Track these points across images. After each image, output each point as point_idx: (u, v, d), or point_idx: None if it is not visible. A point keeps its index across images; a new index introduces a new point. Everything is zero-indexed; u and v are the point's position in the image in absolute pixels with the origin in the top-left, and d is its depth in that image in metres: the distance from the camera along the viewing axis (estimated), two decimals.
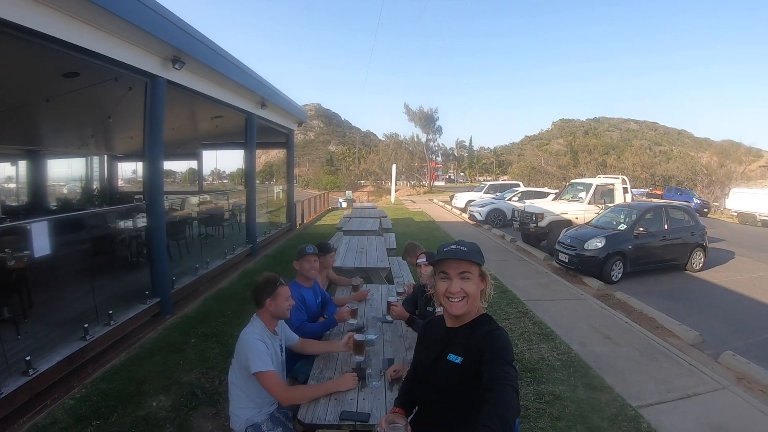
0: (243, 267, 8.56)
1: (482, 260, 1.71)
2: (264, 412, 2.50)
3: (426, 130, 49.89)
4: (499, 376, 1.43)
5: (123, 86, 5.83)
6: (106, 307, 4.82)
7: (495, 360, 1.50)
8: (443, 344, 1.75)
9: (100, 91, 6.29)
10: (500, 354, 1.53)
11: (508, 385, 1.39)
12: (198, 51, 5.88)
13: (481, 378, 1.51)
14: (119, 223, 6.75)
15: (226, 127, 10.47)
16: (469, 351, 1.63)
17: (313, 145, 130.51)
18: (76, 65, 5.11)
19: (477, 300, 1.71)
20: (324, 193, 26.70)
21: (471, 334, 1.67)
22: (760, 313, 6.82)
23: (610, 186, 13.11)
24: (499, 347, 1.56)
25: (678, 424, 3.55)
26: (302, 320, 3.19)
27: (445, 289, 1.68)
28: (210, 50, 6.28)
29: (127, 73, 5.10)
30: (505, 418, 1.28)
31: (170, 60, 5.55)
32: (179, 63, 5.60)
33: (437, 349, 1.77)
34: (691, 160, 41.06)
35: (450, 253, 1.68)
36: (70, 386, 3.90)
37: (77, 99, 6.76)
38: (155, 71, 5.43)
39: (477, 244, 1.76)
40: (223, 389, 3.89)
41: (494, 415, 1.28)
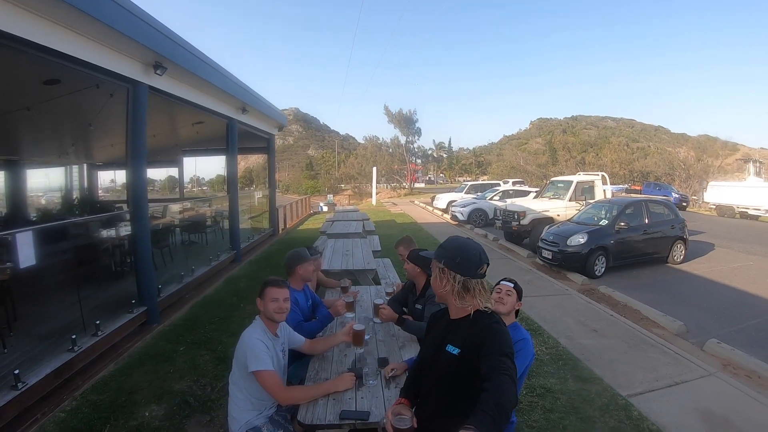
0: (228, 273, 8.49)
1: (442, 256, 1.79)
2: (263, 414, 2.50)
3: (405, 131, 50.10)
4: (496, 367, 1.46)
5: (104, 93, 5.73)
6: (93, 317, 4.75)
7: (493, 352, 1.53)
8: (444, 335, 1.80)
9: (81, 99, 6.19)
10: (498, 346, 1.56)
11: (506, 375, 1.42)
12: (180, 56, 5.82)
13: (477, 370, 1.54)
14: (102, 233, 6.64)
15: (207, 133, 10.37)
16: (466, 343, 1.67)
17: (293, 149, 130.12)
18: (57, 72, 5.02)
19: (447, 295, 1.77)
20: (305, 198, 26.61)
21: (470, 327, 1.71)
22: (741, 301, 7.01)
23: (590, 183, 13.32)
24: (497, 340, 1.59)
25: (668, 410, 3.63)
26: (298, 320, 3.19)
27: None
28: (191, 55, 6.22)
29: (108, 79, 5.03)
30: (501, 405, 1.30)
31: (152, 66, 5.49)
32: (161, 68, 5.54)
33: (438, 340, 1.82)
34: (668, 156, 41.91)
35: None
36: (60, 399, 3.82)
37: (58, 107, 6.64)
38: (137, 77, 5.36)
39: (463, 250, 1.78)
40: (216, 396, 3.88)
41: (490, 401, 1.31)
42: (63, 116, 7.55)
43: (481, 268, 1.76)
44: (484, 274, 1.78)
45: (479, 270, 1.75)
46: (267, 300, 2.53)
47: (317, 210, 26.09)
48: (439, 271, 1.78)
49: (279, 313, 2.55)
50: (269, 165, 14.30)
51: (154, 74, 5.58)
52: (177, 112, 8.01)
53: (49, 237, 4.83)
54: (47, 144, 10.67)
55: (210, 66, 6.95)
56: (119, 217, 6.99)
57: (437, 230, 15.25)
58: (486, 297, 1.77)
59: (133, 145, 5.52)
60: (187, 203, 10.84)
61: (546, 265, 9.53)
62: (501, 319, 1.75)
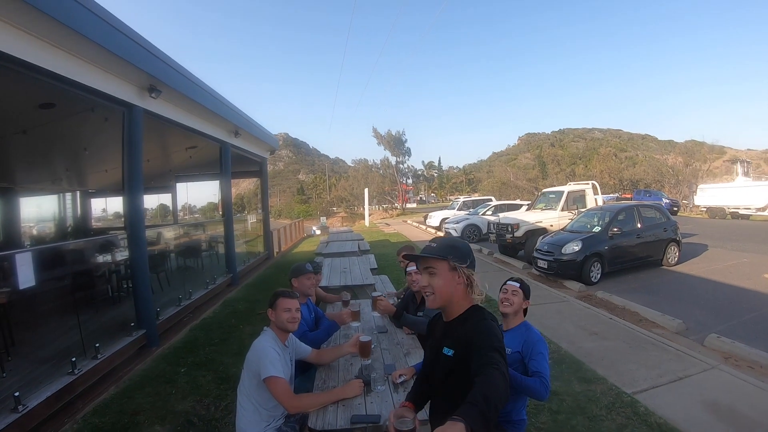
0: (225, 296, 8.46)
1: (448, 254, 1.72)
2: (272, 426, 2.49)
3: (395, 152, 50.37)
4: (485, 362, 1.44)
5: (99, 117, 5.80)
6: (92, 340, 4.72)
7: (481, 348, 1.51)
8: (440, 338, 1.79)
9: (76, 123, 6.25)
10: (486, 342, 1.53)
11: (495, 370, 1.39)
12: (174, 79, 5.91)
13: (469, 366, 1.53)
14: (99, 258, 6.62)
15: (200, 157, 10.43)
16: (459, 343, 1.65)
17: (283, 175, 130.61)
18: (53, 95, 5.07)
19: (453, 294, 1.72)
20: (298, 221, 26.60)
21: (462, 326, 1.69)
22: (738, 296, 7.08)
23: (581, 192, 13.45)
24: (485, 336, 1.57)
25: (674, 404, 3.66)
26: (303, 330, 3.20)
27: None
28: (185, 79, 6.32)
29: (104, 102, 5.08)
30: (489, 397, 1.26)
31: (147, 89, 5.56)
32: (156, 92, 5.61)
33: (436, 344, 1.81)
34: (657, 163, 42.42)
35: (422, 251, 1.77)
36: (61, 422, 3.77)
37: (53, 131, 6.67)
38: (132, 100, 5.42)
39: (455, 241, 1.81)
40: (220, 415, 3.85)
41: (478, 394, 1.28)
42: (58, 141, 7.57)
43: (473, 259, 1.79)
44: (474, 264, 1.79)
45: (473, 261, 1.78)
46: (279, 310, 2.56)
47: (310, 233, 26.06)
48: (449, 269, 1.71)
49: (292, 322, 2.58)
50: (262, 188, 14.32)
51: (149, 97, 5.64)
52: (171, 136, 8.06)
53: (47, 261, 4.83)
54: (41, 170, 10.63)
55: (203, 89, 7.04)
56: (115, 242, 6.96)
57: None
58: (479, 289, 1.77)
59: (130, 169, 5.55)
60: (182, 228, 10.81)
61: (542, 274, 9.55)
62: (490, 315, 1.72)
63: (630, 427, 3.35)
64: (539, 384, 2.32)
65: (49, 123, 6.16)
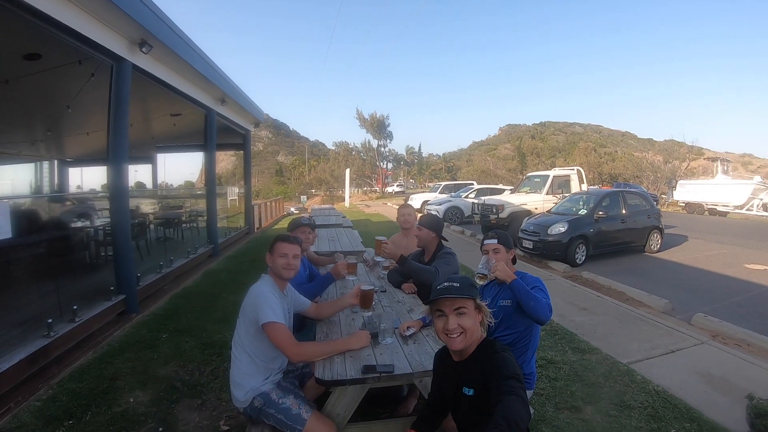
0: (206, 267, 8.29)
1: (476, 293, 1.74)
2: (270, 380, 2.34)
3: (377, 135, 50.00)
4: (502, 390, 1.44)
5: (86, 71, 5.49)
6: (70, 304, 4.49)
7: (498, 379, 1.51)
8: (456, 378, 1.77)
9: (60, 78, 5.96)
10: (501, 372, 1.54)
11: (513, 395, 1.40)
12: (165, 35, 5.65)
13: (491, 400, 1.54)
14: (78, 223, 6.35)
15: (184, 126, 10.12)
16: (478, 382, 1.65)
17: (262, 155, 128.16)
18: (41, 45, 4.80)
19: (476, 331, 1.71)
20: (277, 199, 26.27)
21: (478, 365, 1.69)
22: (721, 283, 7.20)
23: (566, 177, 13.55)
24: (499, 367, 1.57)
25: (669, 374, 3.67)
26: (297, 282, 3.07)
27: (442, 326, 1.69)
28: (177, 37, 6.08)
29: (93, 53, 4.83)
30: (510, 419, 1.27)
31: (137, 43, 5.32)
32: (147, 46, 5.36)
33: (453, 383, 1.79)
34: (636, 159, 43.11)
35: (443, 291, 1.69)
36: (35, 387, 3.54)
37: (36, 85, 6.34)
38: (122, 53, 5.17)
39: (468, 278, 1.83)
40: (205, 380, 3.68)
41: (499, 417, 1.28)
42: (40, 96, 7.20)
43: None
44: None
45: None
46: (276, 255, 2.42)
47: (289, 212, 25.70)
48: (475, 307, 1.73)
49: (287, 269, 2.42)
50: (245, 162, 14.02)
51: (139, 52, 5.41)
52: (156, 99, 7.76)
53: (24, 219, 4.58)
54: (20, 130, 10.11)
55: (194, 50, 6.81)
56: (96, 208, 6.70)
57: None
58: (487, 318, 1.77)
59: (115, 128, 5.29)
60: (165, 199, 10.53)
61: (527, 255, 9.60)
62: (502, 346, 1.72)
63: (629, 393, 3.34)
64: (543, 297, 2.29)
65: (33, 74, 5.81)
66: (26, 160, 13.00)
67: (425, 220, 3.47)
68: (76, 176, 14.78)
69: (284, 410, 2.12)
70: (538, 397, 3.28)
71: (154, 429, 2.98)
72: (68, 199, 8.23)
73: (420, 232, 3.47)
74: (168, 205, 10.12)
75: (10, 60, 5.36)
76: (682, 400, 3.22)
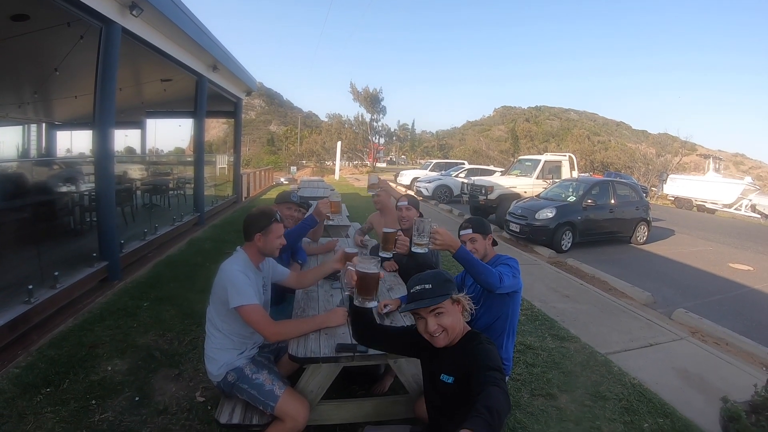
0: (191, 235, 8.25)
1: (451, 288, 1.69)
2: (245, 355, 2.31)
3: (370, 109, 49.33)
4: (484, 381, 1.43)
5: (74, 34, 5.34)
6: (51, 270, 4.42)
7: (480, 369, 1.50)
8: (436, 364, 1.76)
9: (48, 40, 5.79)
10: (484, 363, 1.53)
11: (494, 386, 1.39)
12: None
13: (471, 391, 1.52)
14: (62, 187, 6.23)
15: (175, 91, 9.93)
16: (459, 370, 1.63)
17: (254, 124, 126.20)
18: (29, 5, 4.64)
19: (458, 325, 1.69)
20: (267, 169, 26.08)
21: (460, 353, 1.67)
22: (704, 280, 7.26)
23: (558, 163, 13.56)
24: (482, 358, 1.56)
25: (646, 367, 3.72)
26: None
27: (423, 328, 1.68)
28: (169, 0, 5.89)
29: (82, 15, 4.66)
30: (492, 407, 1.25)
31: (128, 6, 5.15)
32: (137, 9, 5.20)
33: (431, 368, 1.78)
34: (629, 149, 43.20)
35: (416, 299, 1.66)
36: (14, 354, 3.51)
37: (24, 47, 6.18)
38: (112, 16, 5.00)
39: (441, 272, 1.75)
40: (184, 350, 3.68)
41: (481, 406, 1.27)
42: (27, 59, 7.04)
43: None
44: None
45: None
46: (273, 237, 2.33)
47: (279, 182, 25.52)
48: (452, 303, 1.68)
49: (279, 248, 2.39)
50: (235, 130, 13.85)
51: (130, 15, 5.24)
52: (146, 63, 7.58)
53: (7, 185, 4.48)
54: (7, 92, 9.92)
55: (185, 14, 6.61)
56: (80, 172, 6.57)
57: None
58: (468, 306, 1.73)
59: (102, 93, 5.16)
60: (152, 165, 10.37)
61: (513, 238, 9.67)
62: (487, 339, 1.70)
63: (605, 384, 3.38)
64: (503, 272, 2.21)
65: (20, 36, 5.65)
66: (14, 123, 12.73)
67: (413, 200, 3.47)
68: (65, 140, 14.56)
69: (257, 386, 2.10)
70: (515, 382, 3.31)
71: (130, 398, 2.97)
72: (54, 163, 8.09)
73: (409, 212, 3.45)
74: (156, 171, 9.98)
75: None
76: (657, 395, 3.26)
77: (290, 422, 2.00)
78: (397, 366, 2.15)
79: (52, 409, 2.80)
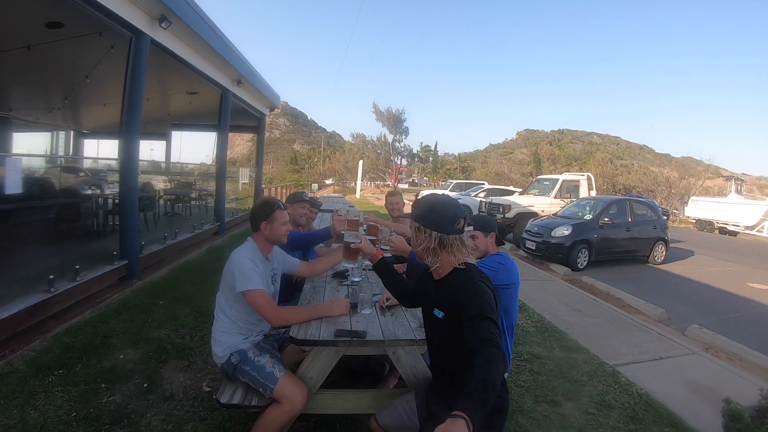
0: (210, 243, 8.43)
1: (418, 218, 1.75)
2: (249, 340, 2.39)
3: (393, 130, 49.70)
4: (480, 336, 1.38)
5: (106, 43, 5.61)
6: (72, 263, 4.60)
7: (474, 316, 1.45)
8: (431, 298, 1.77)
9: (81, 46, 6.07)
10: (478, 308, 1.47)
11: (492, 345, 1.33)
12: (185, 11, 5.75)
13: (460, 331, 1.48)
14: (89, 191, 6.50)
15: (200, 104, 10.24)
16: (448, 305, 1.62)
17: (278, 143, 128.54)
18: (63, 14, 4.89)
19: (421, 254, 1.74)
20: (289, 185, 26.47)
21: (451, 286, 1.65)
22: (721, 298, 7.13)
23: (576, 182, 13.49)
24: (476, 301, 1.51)
25: (654, 379, 3.66)
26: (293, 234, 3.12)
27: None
28: (196, 14, 6.17)
29: (114, 25, 4.92)
30: (488, 381, 1.22)
31: (157, 18, 5.41)
32: (166, 22, 5.46)
33: (427, 303, 1.80)
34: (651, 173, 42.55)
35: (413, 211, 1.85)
36: (31, 338, 3.67)
37: (57, 53, 6.45)
38: (142, 27, 5.27)
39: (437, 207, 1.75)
40: (195, 345, 3.79)
41: (478, 380, 1.22)
42: (60, 64, 7.33)
43: (458, 222, 1.69)
44: (461, 229, 1.71)
45: (455, 225, 1.69)
46: (278, 224, 2.41)
47: None
48: (415, 229, 1.75)
49: (286, 236, 2.47)
50: (258, 145, 14.15)
51: (159, 27, 5.51)
52: (173, 75, 7.87)
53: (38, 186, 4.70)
54: (39, 97, 10.32)
55: (212, 29, 6.90)
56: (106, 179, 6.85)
57: None
58: (465, 252, 1.71)
59: (130, 102, 5.41)
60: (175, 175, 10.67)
61: (529, 256, 9.61)
62: (479, 273, 1.68)
63: (612, 393, 3.33)
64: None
65: (54, 42, 5.93)
66: (43, 129, 13.21)
67: None
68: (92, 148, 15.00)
69: (258, 368, 2.16)
70: (518, 388, 3.30)
71: (139, 384, 3.07)
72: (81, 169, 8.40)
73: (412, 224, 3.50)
74: (179, 182, 10.26)
75: (33, 27, 5.47)
76: (664, 405, 3.21)
77: (287, 404, 2.04)
78: (395, 357, 2.18)
79: (63, 389, 2.91)
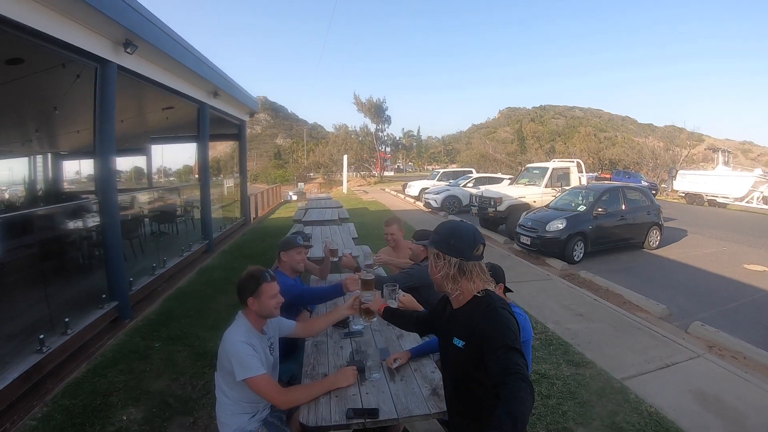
0: (201, 264, 8.26)
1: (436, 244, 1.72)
2: (256, 418, 2.29)
3: (375, 120, 49.30)
4: (506, 367, 1.33)
5: (70, 74, 5.38)
6: (61, 315, 4.43)
7: (498, 347, 1.40)
8: (449, 327, 1.72)
9: (45, 80, 5.83)
10: (502, 339, 1.42)
11: (519, 379, 1.28)
12: (151, 34, 5.49)
13: (482, 363, 1.44)
14: (69, 224, 6.25)
15: (177, 118, 9.95)
16: (469, 334, 1.58)
17: (261, 138, 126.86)
18: (22, 50, 4.68)
19: (441, 283, 1.69)
20: (275, 187, 26.26)
21: (471, 315, 1.61)
22: (719, 285, 7.17)
23: (566, 169, 13.42)
24: (499, 330, 1.46)
25: (662, 392, 3.65)
26: (303, 288, 3.01)
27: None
28: (163, 33, 5.90)
29: (76, 57, 4.69)
30: (517, 417, 1.17)
31: (122, 44, 5.16)
32: (131, 47, 5.21)
33: (445, 331, 1.75)
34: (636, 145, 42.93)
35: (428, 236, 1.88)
36: (30, 405, 3.52)
37: (21, 89, 6.22)
38: (106, 55, 5.03)
39: (457, 232, 1.71)
40: (197, 395, 3.68)
41: (504, 414, 1.18)
42: (26, 99, 7.09)
43: (477, 249, 1.66)
44: (480, 255, 1.68)
45: (475, 251, 1.65)
46: (266, 298, 2.25)
47: (287, 199, 25.71)
48: (434, 256, 1.71)
49: (277, 308, 2.32)
50: (240, 152, 13.89)
51: (124, 53, 5.26)
52: (146, 95, 7.63)
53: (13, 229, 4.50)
54: (10, 131, 9.98)
55: (182, 46, 6.63)
56: (86, 207, 6.59)
57: (412, 217, 15.06)
58: (485, 279, 1.67)
59: (101, 130, 5.20)
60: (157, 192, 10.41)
61: (524, 251, 9.57)
62: (501, 301, 1.63)
63: (622, 414, 3.31)
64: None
65: (17, 80, 5.69)
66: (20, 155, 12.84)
67: (420, 234, 3.41)
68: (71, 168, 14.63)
69: None
70: (530, 417, 3.26)
71: None
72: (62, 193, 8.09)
73: (412, 246, 3.43)
74: (162, 197, 10.00)
75: None
76: (674, 423, 3.19)
77: None
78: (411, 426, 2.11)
79: None
